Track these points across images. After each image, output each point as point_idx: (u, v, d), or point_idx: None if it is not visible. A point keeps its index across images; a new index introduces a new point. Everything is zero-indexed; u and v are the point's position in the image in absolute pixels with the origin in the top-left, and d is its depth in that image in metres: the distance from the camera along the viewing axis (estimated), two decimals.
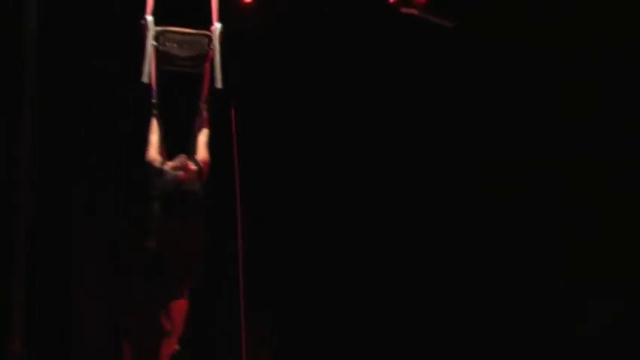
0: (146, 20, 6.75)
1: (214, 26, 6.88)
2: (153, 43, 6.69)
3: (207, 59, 6.82)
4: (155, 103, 6.67)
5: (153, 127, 6.63)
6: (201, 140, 6.67)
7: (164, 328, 6.29)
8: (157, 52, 6.76)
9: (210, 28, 6.90)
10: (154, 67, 6.70)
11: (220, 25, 6.88)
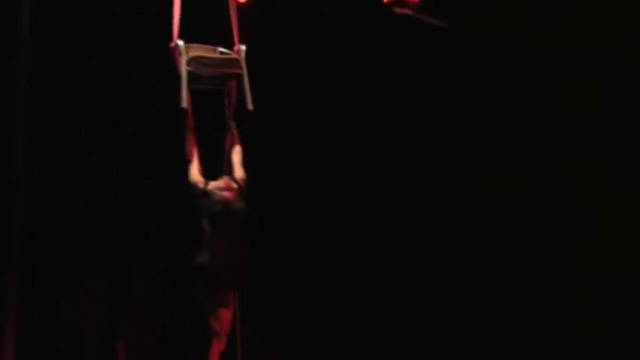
0: (177, 45, 6.79)
1: (238, 47, 6.97)
2: (187, 68, 6.75)
3: (233, 77, 6.94)
4: (192, 125, 6.75)
5: (192, 149, 6.74)
6: (236, 159, 6.90)
7: (214, 329, 6.71)
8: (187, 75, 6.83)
9: (234, 49, 6.97)
10: (186, 90, 6.75)
11: (245, 47, 6.96)
